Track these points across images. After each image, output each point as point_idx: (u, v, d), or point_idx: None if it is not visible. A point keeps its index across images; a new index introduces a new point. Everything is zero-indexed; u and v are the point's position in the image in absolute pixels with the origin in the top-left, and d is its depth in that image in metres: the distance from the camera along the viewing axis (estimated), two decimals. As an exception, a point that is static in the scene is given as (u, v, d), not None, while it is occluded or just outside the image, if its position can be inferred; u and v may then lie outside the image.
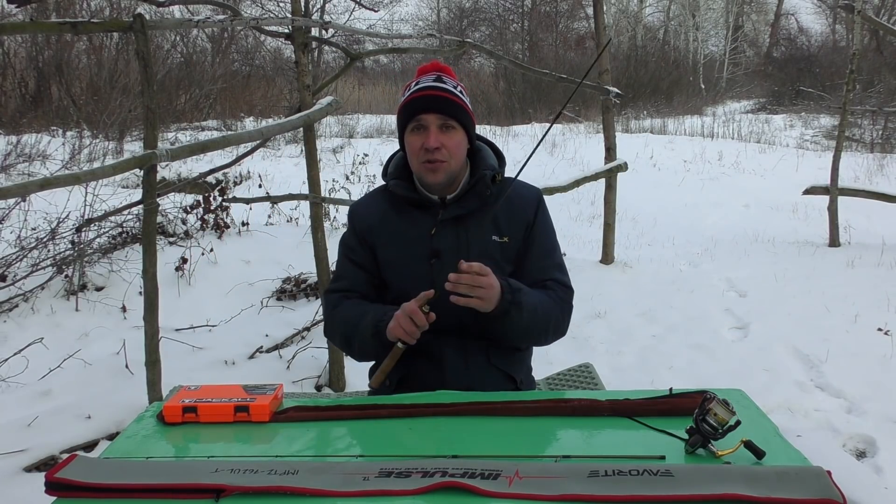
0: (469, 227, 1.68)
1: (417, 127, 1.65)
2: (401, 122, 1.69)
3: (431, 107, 1.63)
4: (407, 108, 1.66)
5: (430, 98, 1.63)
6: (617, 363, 3.66)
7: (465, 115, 1.67)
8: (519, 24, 23.76)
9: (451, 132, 1.65)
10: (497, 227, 1.69)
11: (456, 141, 1.65)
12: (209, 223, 5.13)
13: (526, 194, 1.76)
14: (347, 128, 12.81)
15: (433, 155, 1.62)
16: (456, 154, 1.66)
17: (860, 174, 8.65)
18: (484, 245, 1.67)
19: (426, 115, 1.63)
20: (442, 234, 1.68)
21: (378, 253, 1.74)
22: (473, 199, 1.69)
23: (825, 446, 2.63)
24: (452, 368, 1.66)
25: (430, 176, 1.65)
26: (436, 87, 1.65)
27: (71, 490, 1.12)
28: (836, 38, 24.11)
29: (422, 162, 1.64)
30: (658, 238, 6.47)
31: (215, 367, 3.47)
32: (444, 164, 1.64)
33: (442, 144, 1.63)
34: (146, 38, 2.69)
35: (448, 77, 1.69)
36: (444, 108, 1.63)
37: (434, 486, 1.07)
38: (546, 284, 1.71)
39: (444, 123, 1.64)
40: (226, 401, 1.38)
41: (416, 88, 1.66)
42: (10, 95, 11.12)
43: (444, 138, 1.63)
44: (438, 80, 1.67)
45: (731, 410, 1.15)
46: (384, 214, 1.74)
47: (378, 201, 1.78)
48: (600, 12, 5.25)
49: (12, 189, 2.55)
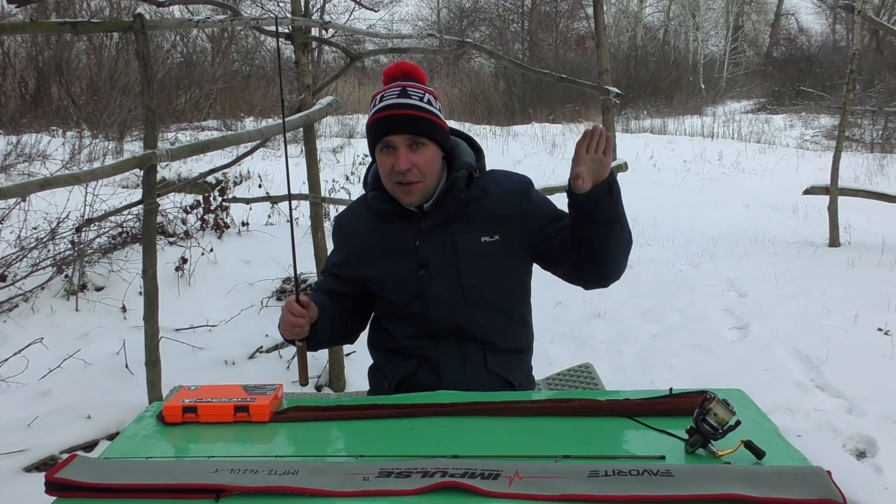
0: (454, 231, 1.63)
1: (385, 147, 1.57)
2: (370, 140, 1.61)
3: (397, 127, 1.55)
4: (373, 128, 1.58)
5: (395, 118, 1.55)
6: (617, 363, 3.66)
7: (434, 128, 1.58)
8: (519, 24, 23.76)
9: (421, 149, 1.56)
10: (484, 227, 1.63)
11: (427, 158, 1.57)
12: (209, 223, 5.13)
13: (509, 185, 1.68)
14: (347, 128, 12.81)
15: (405, 177, 1.56)
16: (429, 170, 1.58)
17: (860, 174, 8.66)
18: (473, 248, 1.63)
19: (393, 137, 1.55)
20: (427, 243, 1.63)
21: (364, 270, 1.70)
22: (451, 202, 1.62)
23: (825, 446, 2.62)
24: (449, 374, 1.65)
25: (405, 197, 1.60)
26: (400, 104, 1.56)
27: (71, 490, 1.12)
28: (836, 38, 24.11)
29: (394, 182, 1.59)
30: (658, 238, 6.47)
31: (215, 367, 3.47)
32: (417, 185, 1.58)
33: (413, 164, 1.55)
34: (146, 38, 2.68)
35: (413, 87, 1.59)
36: (411, 127, 1.55)
37: (434, 486, 1.07)
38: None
39: (414, 142, 1.56)
40: (226, 401, 1.38)
41: (380, 106, 1.57)
42: (10, 95, 11.11)
43: (415, 157, 1.55)
44: (403, 95, 1.57)
45: (731, 410, 1.15)
46: (367, 228, 1.70)
47: (361, 214, 1.74)
48: (600, 12, 5.26)
49: (12, 189, 2.55)
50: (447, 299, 1.64)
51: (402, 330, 1.70)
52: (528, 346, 1.79)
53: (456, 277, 1.63)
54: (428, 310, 1.65)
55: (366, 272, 1.70)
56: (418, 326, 1.67)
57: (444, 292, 1.64)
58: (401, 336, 1.70)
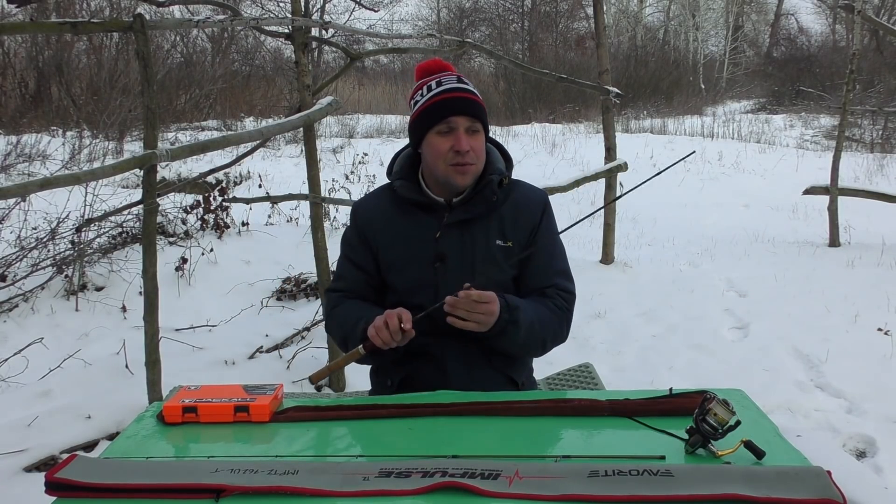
0: (474, 231, 1.67)
1: (446, 129, 1.62)
2: (424, 123, 1.64)
3: (460, 109, 1.61)
4: (433, 108, 1.63)
5: (459, 100, 1.62)
6: (617, 363, 3.66)
7: (486, 117, 1.67)
8: (519, 24, 23.75)
9: (476, 135, 1.64)
10: (502, 231, 1.68)
11: (481, 143, 1.65)
12: (209, 223, 5.13)
13: (532, 198, 1.75)
14: (347, 128, 12.81)
15: (465, 157, 1.61)
16: (481, 156, 1.66)
17: (860, 174, 8.66)
18: (488, 250, 1.67)
19: (456, 118, 1.61)
20: (447, 237, 1.67)
21: (381, 254, 1.72)
22: (480, 203, 1.67)
23: (825, 446, 2.62)
24: (454, 371, 1.66)
25: (460, 178, 1.64)
26: (462, 88, 1.64)
27: (71, 490, 1.12)
28: (836, 38, 24.12)
29: (450, 164, 1.62)
30: (658, 238, 6.47)
31: (215, 367, 3.47)
32: (472, 167, 1.64)
33: (470, 147, 1.62)
34: (146, 38, 2.68)
35: (465, 78, 1.69)
36: (471, 110, 1.62)
37: (434, 486, 1.07)
38: (546, 292, 1.70)
39: (471, 126, 1.63)
40: (226, 401, 1.38)
41: (442, 89, 1.63)
42: (10, 95, 11.12)
43: (472, 141, 1.62)
44: (461, 82, 1.65)
45: (731, 410, 1.15)
46: (388, 215, 1.73)
47: (382, 201, 1.76)
48: (600, 12, 5.25)
49: (12, 189, 2.55)
50: None
51: None
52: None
53: (469, 276, 1.64)
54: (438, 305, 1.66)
55: (383, 256, 1.72)
56: (424, 321, 1.67)
57: (456, 288, 1.64)
58: None
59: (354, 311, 1.68)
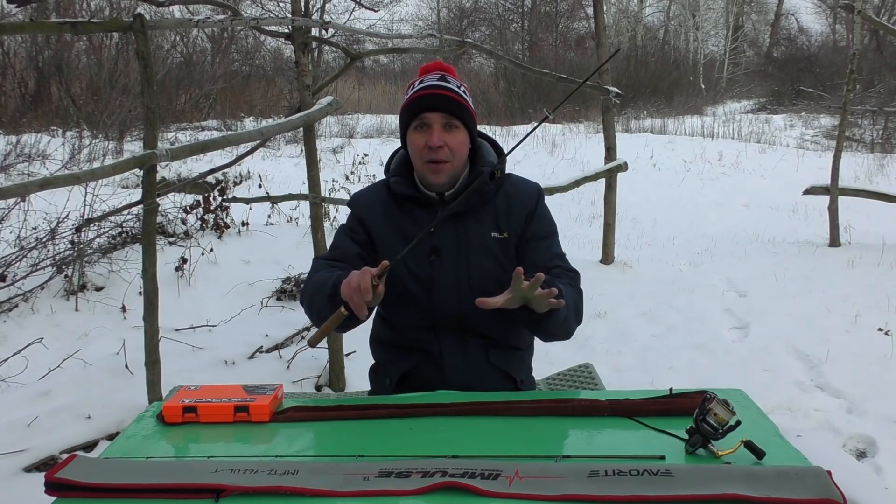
0: (468, 223, 1.69)
1: (420, 125, 1.64)
2: (404, 121, 1.68)
3: (435, 105, 1.63)
4: (410, 106, 1.66)
5: (434, 97, 1.63)
6: (617, 363, 3.66)
7: (468, 114, 1.67)
8: (519, 24, 23.76)
9: (454, 131, 1.64)
10: (496, 223, 1.70)
11: (458, 140, 1.65)
12: (209, 223, 5.13)
13: (525, 189, 1.76)
14: (347, 128, 12.81)
15: (436, 154, 1.62)
16: (458, 153, 1.66)
17: (860, 174, 8.65)
18: (483, 242, 1.68)
19: (430, 114, 1.63)
20: (441, 231, 1.68)
21: (377, 245, 1.73)
22: (472, 194, 1.67)
23: (825, 446, 2.62)
24: (452, 367, 1.67)
25: (433, 177, 1.65)
26: (440, 85, 1.65)
27: (71, 490, 1.12)
28: (836, 38, 24.12)
29: (425, 161, 1.64)
30: (658, 238, 6.47)
31: (215, 367, 3.47)
32: (446, 165, 1.64)
33: (445, 143, 1.62)
34: (146, 38, 2.68)
35: (451, 77, 1.70)
36: (447, 106, 1.63)
37: (434, 486, 1.07)
38: (552, 272, 1.67)
39: (448, 122, 1.64)
40: (226, 401, 1.38)
41: (420, 87, 1.67)
42: (10, 95, 11.12)
43: (448, 137, 1.63)
44: (442, 80, 1.67)
45: (731, 410, 1.15)
46: (384, 209, 1.74)
47: (379, 195, 1.77)
48: (600, 12, 5.25)
49: (12, 189, 2.55)
50: (453, 289, 1.66)
51: (404, 320, 1.71)
52: (528, 345, 1.80)
53: (465, 268, 1.66)
54: (432, 298, 1.66)
55: (378, 247, 1.72)
56: (421, 317, 1.68)
57: (452, 281, 1.66)
58: (403, 328, 1.72)
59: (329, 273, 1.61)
